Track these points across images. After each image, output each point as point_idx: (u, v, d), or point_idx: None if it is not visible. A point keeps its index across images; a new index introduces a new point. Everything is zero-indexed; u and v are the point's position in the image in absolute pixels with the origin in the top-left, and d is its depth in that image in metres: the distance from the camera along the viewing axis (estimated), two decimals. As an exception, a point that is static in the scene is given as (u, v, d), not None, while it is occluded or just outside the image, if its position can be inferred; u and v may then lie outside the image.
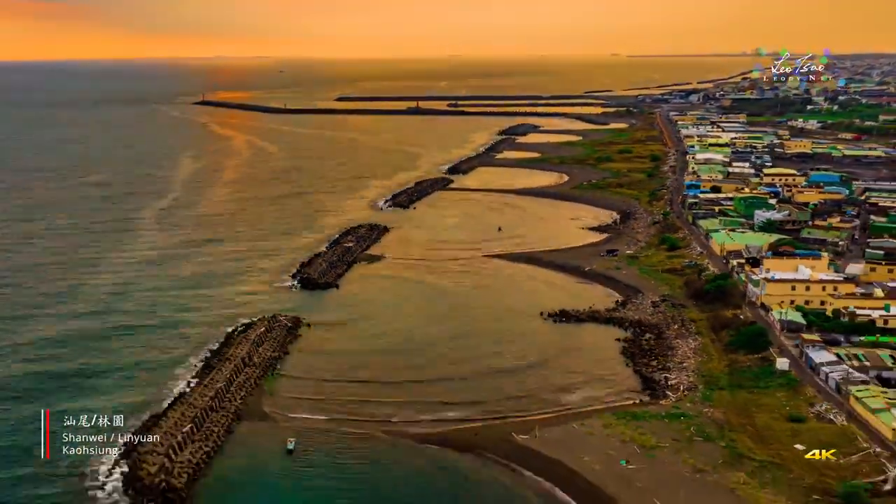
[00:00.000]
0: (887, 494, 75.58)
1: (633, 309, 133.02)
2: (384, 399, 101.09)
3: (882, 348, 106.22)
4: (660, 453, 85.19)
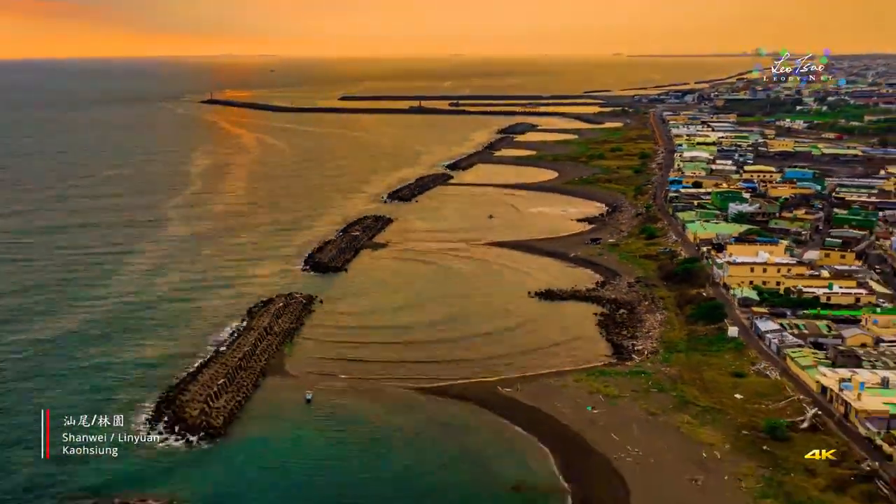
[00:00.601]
0: (804, 431, 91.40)
1: (610, 289, 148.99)
2: (389, 360, 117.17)
3: (822, 319, 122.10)
4: (620, 401, 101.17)
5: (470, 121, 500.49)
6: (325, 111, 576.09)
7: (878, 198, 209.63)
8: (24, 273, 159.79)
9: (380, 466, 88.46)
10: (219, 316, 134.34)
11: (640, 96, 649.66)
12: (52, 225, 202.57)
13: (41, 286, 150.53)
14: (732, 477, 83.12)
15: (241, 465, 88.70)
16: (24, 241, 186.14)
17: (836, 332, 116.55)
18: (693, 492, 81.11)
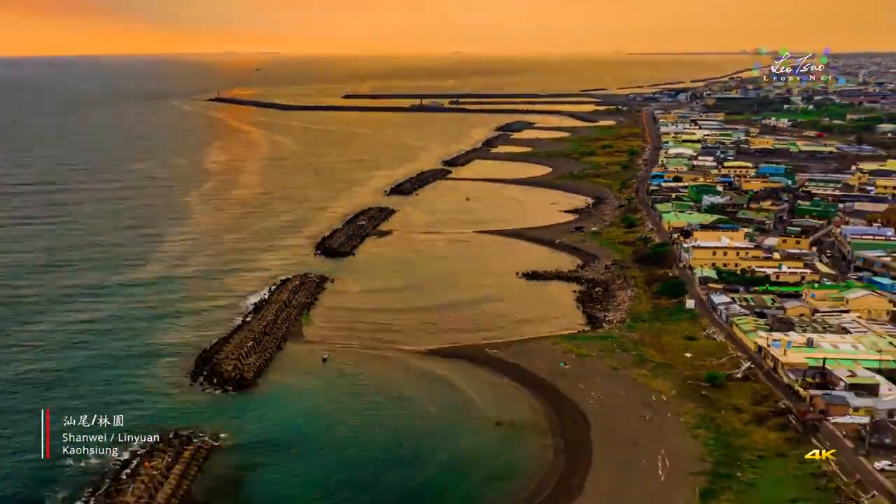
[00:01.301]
0: (738, 380, 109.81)
1: (589, 270, 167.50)
2: (392, 328, 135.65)
3: (769, 294, 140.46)
4: (588, 359, 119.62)
5: (469, 119, 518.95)
6: (329, 109, 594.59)
7: (841, 191, 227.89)
8: (70, 252, 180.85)
9: (386, 410, 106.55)
10: (243, 292, 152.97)
11: (634, 95, 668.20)
12: (92, 213, 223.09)
13: (90, 266, 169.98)
14: (675, 414, 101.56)
15: (269, 409, 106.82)
16: (73, 228, 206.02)
17: (779, 304, 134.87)
18: (641, 425, 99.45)
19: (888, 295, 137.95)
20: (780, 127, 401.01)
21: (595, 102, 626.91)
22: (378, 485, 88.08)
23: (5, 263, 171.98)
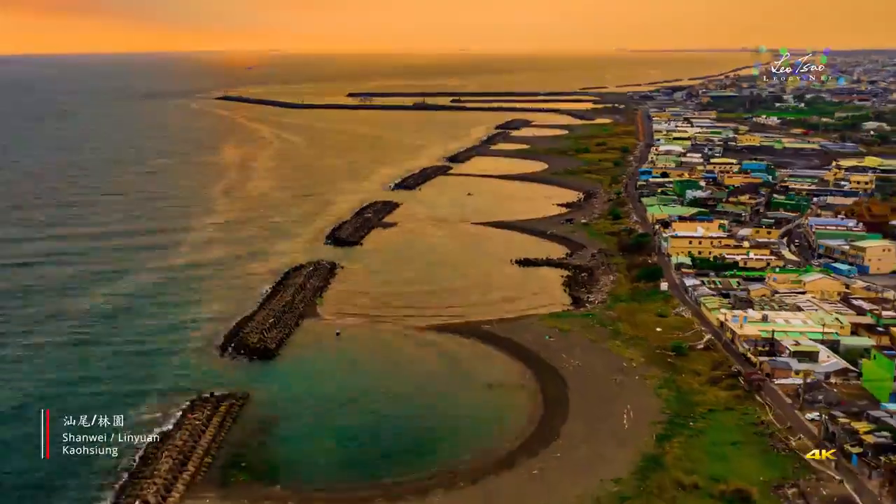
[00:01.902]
0: (700, 350, 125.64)
1: (577, 258, 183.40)
2: (397, 307, 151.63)
3: (735, 278, 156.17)
4: (570, 333, 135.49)
5: (470, 117, 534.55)
6: (334, 108, 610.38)
7: (817, 186, 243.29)
8: (106, 241, 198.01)
9: (391, 376, 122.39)
10: (262, 276, 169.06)
11: (632, 93, 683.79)
12: (124, 208, 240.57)
13: (125, 253, 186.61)
14: (642, 378, 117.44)
15: (291, 376, 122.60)
16: (100, 219, 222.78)
17: (744, 286, 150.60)
18: (612, 386, 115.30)
19: (842, 278, 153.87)
20: (769, 125, 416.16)
21: (593, 100, 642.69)
22: (383, 431, 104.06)
23: (54, 248, 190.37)
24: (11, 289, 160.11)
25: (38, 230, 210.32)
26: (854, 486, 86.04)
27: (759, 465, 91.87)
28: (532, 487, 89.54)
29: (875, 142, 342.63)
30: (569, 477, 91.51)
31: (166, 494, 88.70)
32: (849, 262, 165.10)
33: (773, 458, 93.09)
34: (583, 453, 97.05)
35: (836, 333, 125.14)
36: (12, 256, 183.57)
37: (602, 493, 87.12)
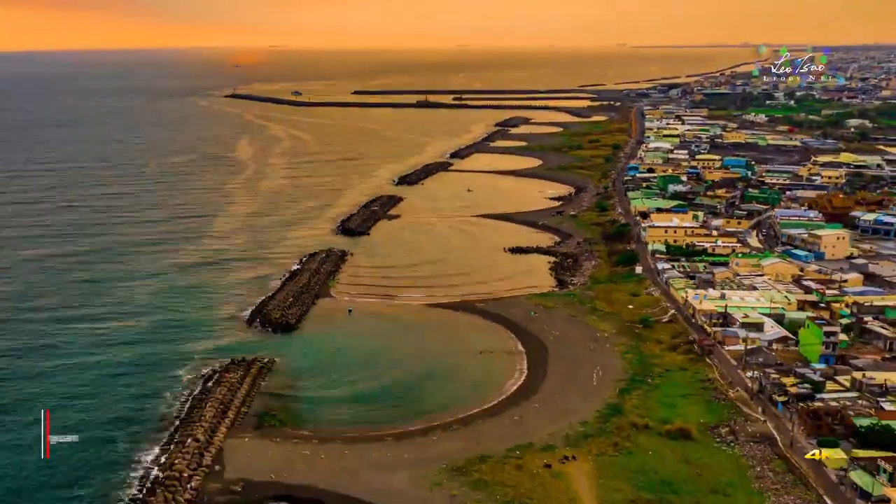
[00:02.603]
0: (664, 323, 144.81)
1: (564, 246, 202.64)
2: (401, 289, 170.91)
3: (703, 262, 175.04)
4: (553, 309, 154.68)
5: (472, 115, 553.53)
6: (340, 105, 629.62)
7: (791, 181, 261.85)
8: (141, 228, 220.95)
9: (397, 344, 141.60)
10: (281, 262, 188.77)
11: (628, 90, 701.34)
12: (158, 201, 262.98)
13: (162, 241, 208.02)
14: (612, 345, 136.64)
15: (310, 345, 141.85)
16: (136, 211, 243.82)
17: (709, 269, 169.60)
18: (586, 352, 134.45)
19: (798, 263, 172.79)
20: (757, 122, 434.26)
21: (591, 98, 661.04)
22: (390, 388, 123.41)
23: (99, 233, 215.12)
24: (68, 268, 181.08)
25: (91, 215, 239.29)
26: (775, 425, 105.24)
27: (702, 411, 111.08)
28: (513, 429, 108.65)
29: (855, 138, 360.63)
30: (544, 421, 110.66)
31: (212, 434, 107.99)
32: (807, 248, 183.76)
33: (714, 406, 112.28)
34: (557, 404, 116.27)
35: (782, 308, 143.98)
36: (66, 235, 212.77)
37: (570, 432, 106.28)
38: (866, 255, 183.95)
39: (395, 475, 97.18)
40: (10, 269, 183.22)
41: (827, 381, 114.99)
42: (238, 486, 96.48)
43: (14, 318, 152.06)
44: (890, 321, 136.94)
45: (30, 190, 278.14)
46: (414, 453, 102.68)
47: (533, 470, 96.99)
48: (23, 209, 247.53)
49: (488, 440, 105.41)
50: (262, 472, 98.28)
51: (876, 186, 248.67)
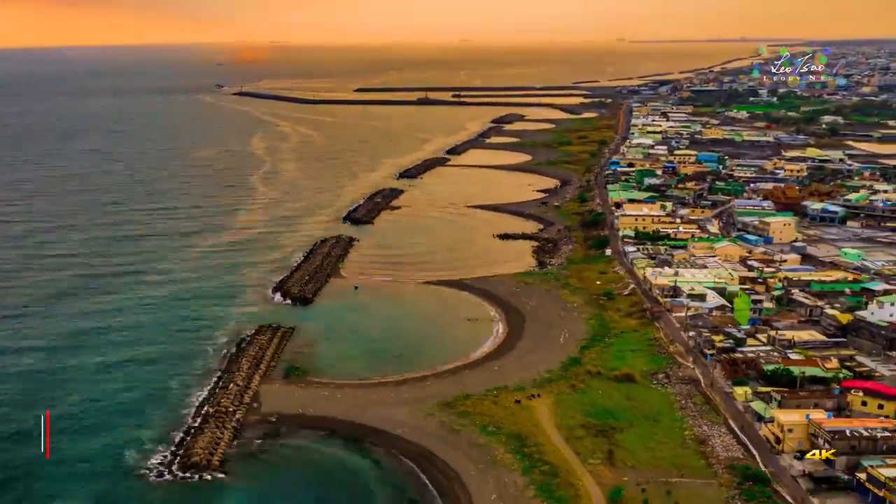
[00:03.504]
0: (625, 295, 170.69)
1: (546, 232, 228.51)
2: (401, 269, 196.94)
3: (664, 246, 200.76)
4: (532, 286, 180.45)
5: (470, 112, 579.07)
6: (344, 103, 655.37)
7: (757, 174, 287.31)
8: (179, 221, 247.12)
9: (397, 314, 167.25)
10: (295, 246, 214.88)
11: (621, 87, 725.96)
12: (193, 191, 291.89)
13: (193, 228, 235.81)
14: (579, 313, 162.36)
15: (324, 315, 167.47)
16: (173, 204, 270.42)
17: (669, 252, 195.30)
18: (557, 319, 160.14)
19: (748, 246, 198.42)
20: (738, 118, 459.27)
21: (584, 95, 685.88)
22: (392, 348, 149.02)
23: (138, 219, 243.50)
24: (119, 250, 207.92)
25: (136, 204, 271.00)
26: (701, 371, 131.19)
27: (645, 362, 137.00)
28: (492, 376, 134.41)
29: (825, 135, 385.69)
30: (517, 371, 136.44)
31: (249, 381, 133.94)
32: (758, 234, 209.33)
33: (656, 358, 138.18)
34: (529, 358, 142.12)
35: (725, 283, 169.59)
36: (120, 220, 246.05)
37: (537, 377, 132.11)
38: (811, 239, 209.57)
39: (397, 409, 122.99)
40: (77, 245, 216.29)
41: (748, 338, 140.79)
42: (272, 417, 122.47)
43: (84, 285, 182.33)
44: (814, 293, 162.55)
45: (88, 189, 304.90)
46: (411, 394, 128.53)
47: (506, 404, 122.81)
48: (84, 200, 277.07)
49: (471, 384, 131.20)
50: (291, 407, 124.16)
51: (831, 179, 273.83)
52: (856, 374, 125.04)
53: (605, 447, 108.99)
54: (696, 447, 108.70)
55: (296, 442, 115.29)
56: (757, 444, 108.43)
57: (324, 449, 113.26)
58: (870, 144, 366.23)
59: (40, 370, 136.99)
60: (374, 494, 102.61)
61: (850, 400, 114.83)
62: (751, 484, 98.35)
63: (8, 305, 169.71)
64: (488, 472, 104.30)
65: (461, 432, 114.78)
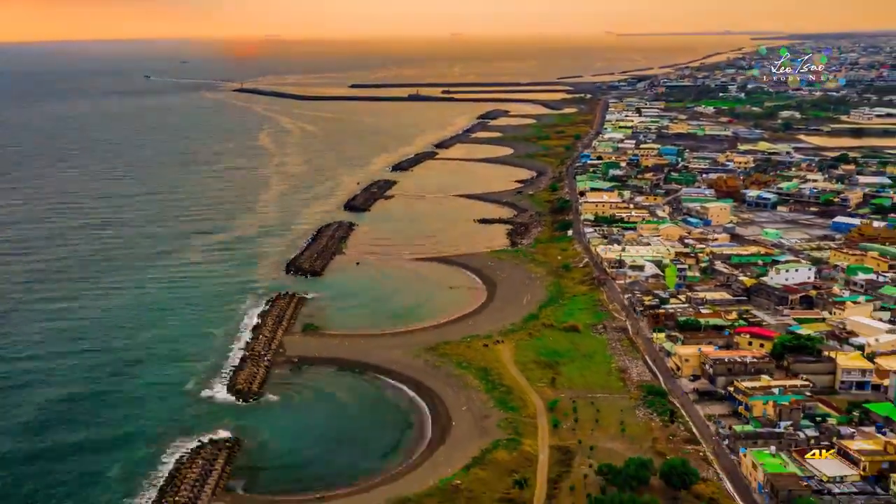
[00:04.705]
0: (579, 267, 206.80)
1: (519, 217, 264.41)
2: (394, 248, 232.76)
3: (618, 227, 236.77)
4: (504, 261, 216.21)
5: (457, 107, 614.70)
6: (339, 99, 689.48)
7: (709, 165, 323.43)
8: (192, 211, 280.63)
9: (392, 283, 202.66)
10: (304, 229, 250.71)
11: (601, 83, 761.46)
12: (214, 182, 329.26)
13: (217, 214, 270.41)
14: (541, 281, 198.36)
15: (332, 285, 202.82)
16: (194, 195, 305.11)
17: (621, 232, 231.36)
18: (523, 286, 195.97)
19: (687, 227, 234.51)
20: (705, 113, 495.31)
21: (568, 90, 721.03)
22: (388, 309, 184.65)
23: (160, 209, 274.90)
24: (155, 229, 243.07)
25: (168, 195, 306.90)
26: (630, 323, 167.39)
27: (589, 317, 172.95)
28: (467, 328, 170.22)
29: (780, 129, 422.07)
30: (487, 324, 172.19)
31: (275, 333, 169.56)
32: (699, 217, 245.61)
33: (598, 314, 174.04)
34: (497, 315, 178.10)
35: (662, 257, 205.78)
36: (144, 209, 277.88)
37: (503, 328, 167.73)
38: (745, 221, 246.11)
39: (392, 352, 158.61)
40: (122, 224, 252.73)
41: (672, 298, 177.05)
42: (295, 359, 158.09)
43: (135, 251, 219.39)
44: (733, 264, 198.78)
45: (126, 182, 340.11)
46: (403, 342, 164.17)
47: (476, 348, 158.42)
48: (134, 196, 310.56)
49: (450, 334, 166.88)
50: (309, 352, 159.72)
51: (773, 170, 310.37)
52: (749, 323, 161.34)
53: (550, 375, 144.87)
54: (618, 374, 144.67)
55: (315, 375, 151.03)
56: (663, 371, 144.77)
57: (337, 379, 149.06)
58: (820, 138, 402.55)
59: (121, 324, 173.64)
60: (377, 407, 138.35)
61: (738, 340, 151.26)
62: (652, 396, 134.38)
63: (90, 277, 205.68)
64: (461, 392, 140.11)
65: (441, 367, 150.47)
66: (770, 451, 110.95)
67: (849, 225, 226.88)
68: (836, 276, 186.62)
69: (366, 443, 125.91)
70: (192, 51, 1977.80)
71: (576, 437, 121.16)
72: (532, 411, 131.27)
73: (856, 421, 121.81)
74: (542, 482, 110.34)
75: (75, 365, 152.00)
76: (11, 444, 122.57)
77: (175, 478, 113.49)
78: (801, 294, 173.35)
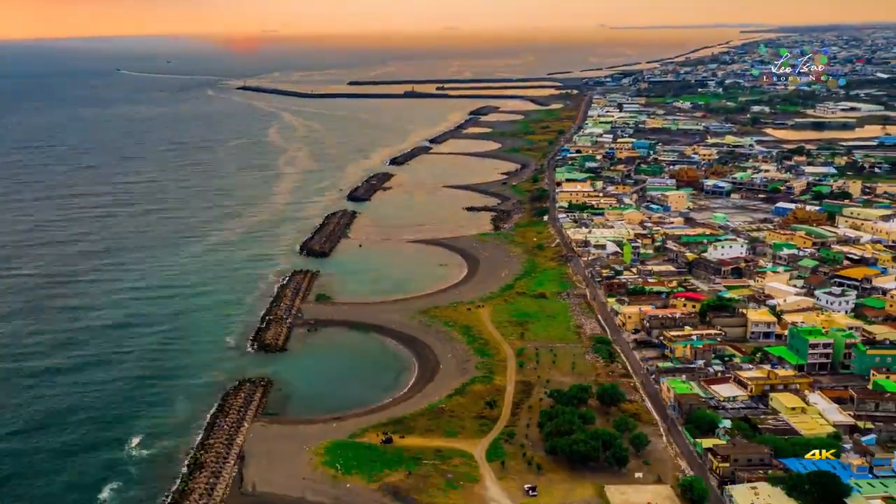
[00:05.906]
0: (552, 247, 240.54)
1: (503, 205, 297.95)
2: (393, 232, 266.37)
3: (588, 213, 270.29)
4: (487, 242, 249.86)
5: (451, 104, 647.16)
6: (339, 96, 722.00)
7: (677, 158, 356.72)
8: (218, 200, 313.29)
9: (391, 262, 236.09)
10: (312, 218, 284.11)
11: (588, 79, 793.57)
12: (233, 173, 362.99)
13: (234, 207, 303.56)
14: (518, 258, 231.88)
15: (338, 264, 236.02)
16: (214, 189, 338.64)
17: (590, 217, 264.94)
18: (503, 263, 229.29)
19: (648, 213, 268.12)
20: (683, 108, 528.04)
21: (556, 86, 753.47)
22: (388, 281, 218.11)
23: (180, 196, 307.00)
24: (180, 221, 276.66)
25: (186, 193, 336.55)
26: (589, 290, 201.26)
27: (556, 286, 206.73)
28: (453, 296, 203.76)
29: (748, 123, 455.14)
30: (470, 293, 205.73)
31: (293, 301, 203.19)
32: (660, 204, 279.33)
33: (563, 284, 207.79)
34: (479, 286, 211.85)
35: (622, 238, 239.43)
36: (165, 206, 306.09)
37: (483, 296, 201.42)
38: (701, 208, 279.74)
39: (391, 315, 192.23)
40: (147, 214, 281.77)
41: (625, 271, 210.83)
42: (311, 321, 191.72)
43: (158, 236, 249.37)
44: (683, 243, 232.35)
45: (145, 178, 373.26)
46: (400, 307, 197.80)
47: (461, 311, 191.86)
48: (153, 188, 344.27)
49: (440, 301, 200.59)
50: (323, 315, 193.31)
51: (733, 162, 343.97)
52: (686, 289, 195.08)
53: (520, 331, 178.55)
54: (575, 330, 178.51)
55: (327, 333, 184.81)
56: (612, 327, 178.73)
57: (346, 336, 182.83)
58: (784, 132, 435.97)
59: (167, 295, 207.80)
60: (380, 356, 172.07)
61: (675, 303, 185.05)
62: (600, 345, 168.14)
63: (131, 258, 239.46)
64: (447, 344, 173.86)
65: (431, 326, 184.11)
66: (681, 379, 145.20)
67: (787, 209, 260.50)
68: (766, 252, 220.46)
69: (370, 381, 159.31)
70: (188, 48, 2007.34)
71: (536, 374, 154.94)
72: (503, 357, 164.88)
73: (757, 360, 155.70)
74: (507, 404, 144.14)
75: (142, 320, 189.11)
76: (104, 373, 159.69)
77: (224, 405, 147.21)
78: (733, 266, 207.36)
